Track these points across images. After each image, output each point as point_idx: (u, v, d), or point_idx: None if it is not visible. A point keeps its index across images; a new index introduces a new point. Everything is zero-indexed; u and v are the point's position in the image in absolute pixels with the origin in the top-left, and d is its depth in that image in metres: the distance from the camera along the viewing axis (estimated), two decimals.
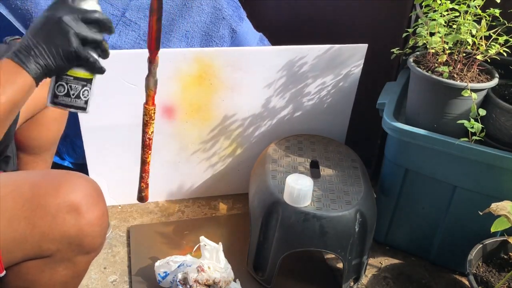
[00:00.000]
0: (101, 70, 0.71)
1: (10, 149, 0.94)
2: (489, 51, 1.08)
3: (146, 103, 0.99)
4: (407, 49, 1.23)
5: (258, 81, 1.33)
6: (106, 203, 0.79)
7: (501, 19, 1.08)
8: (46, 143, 1.13)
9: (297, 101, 1.39)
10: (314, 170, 1.24)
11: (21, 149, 1.09)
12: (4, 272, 0.71)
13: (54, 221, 0.70)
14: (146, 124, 0.99)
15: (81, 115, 1.25)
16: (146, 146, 1.02)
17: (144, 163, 1.05)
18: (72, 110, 0.75)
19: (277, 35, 1.51)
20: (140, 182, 1.05)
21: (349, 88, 1.41)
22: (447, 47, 1.11)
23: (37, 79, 0.67)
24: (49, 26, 0.66)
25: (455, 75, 1.11)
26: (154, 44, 0.80)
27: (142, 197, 1.09)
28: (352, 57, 1.34)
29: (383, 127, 1.19)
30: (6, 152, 0.92)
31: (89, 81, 0.73)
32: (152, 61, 0.86)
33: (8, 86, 0.64)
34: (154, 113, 0.97)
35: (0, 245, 0.68)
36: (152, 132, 1.01)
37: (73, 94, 0.73)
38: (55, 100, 0.72)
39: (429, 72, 1.12)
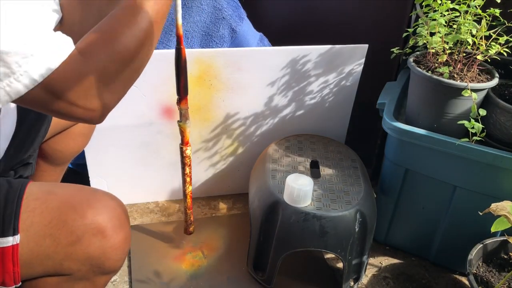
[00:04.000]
0: None
1: (33, 157, 0.95)
2: (489, 51, 1.08)
3: (183, 143, 1.07)
4: (407, 49, 1.23)
5: (258, 81, 1.32)
6: (130, 224, 0.78)
7: (501, 19, 1.08)
8: (70, 156, 1.13)
9: (297, 101, 1.39)
10: (314, 170, 1.24)
11: (43, 158, 1.08)
12: (20, 284, 0.71)
13: (79, 242, 0.70)
14: (186, 164, 1.11)
15: None
16: (186, 182, 1.13)
17: (185, 197, 1.16)
18: None
19: (277, 35, 1.51)
20: (188, 216, 1.19)
21: (349, 89, 1.41)
22: (447, 47, 1.11)
23: None
24: None
25: (455, 75, 1.11)
26: (183, 91, 0.98)
27: (191, 231, 1.23)
28: (353, 57, 1.34)
29: (383, 127, 1.19)
30: (29, 159, 0.93)
31: None
32: (183, 105, 1.00)
33: None
34: (190, 152, 1.09)
35: (22, 257, 0.68)
36: (190, 170, 1.12)
37: None
38: None
39: (429, 72, 1.12)
